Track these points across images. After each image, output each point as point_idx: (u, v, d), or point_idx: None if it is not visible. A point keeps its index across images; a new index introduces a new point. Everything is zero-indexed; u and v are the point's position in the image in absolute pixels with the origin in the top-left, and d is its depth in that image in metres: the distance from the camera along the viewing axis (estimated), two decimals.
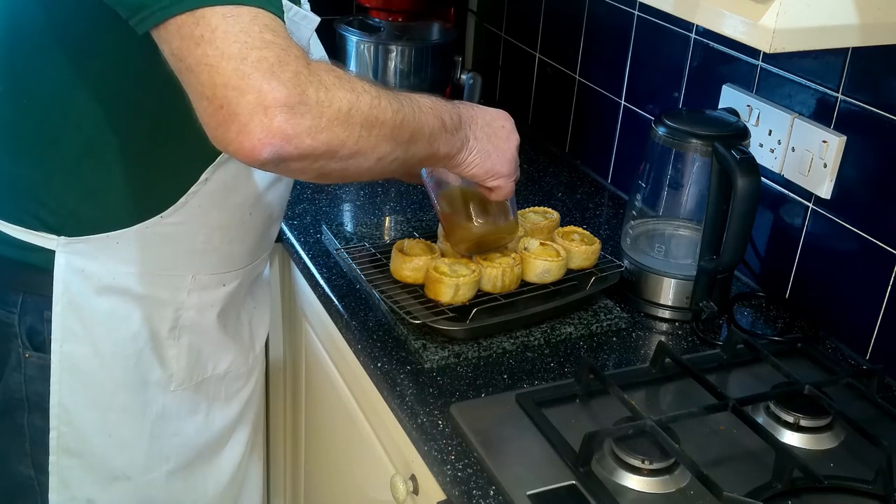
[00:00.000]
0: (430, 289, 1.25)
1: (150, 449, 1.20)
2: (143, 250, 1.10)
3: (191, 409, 1.23)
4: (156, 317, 1.15)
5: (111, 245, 1.09)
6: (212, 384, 1.24)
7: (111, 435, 1.17)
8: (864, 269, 1.27)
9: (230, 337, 1.25)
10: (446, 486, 1.05)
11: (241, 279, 1.23)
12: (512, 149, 1.15)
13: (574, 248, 1.34)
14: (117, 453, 1.19)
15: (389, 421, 1.21)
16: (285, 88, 0.84)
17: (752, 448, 1.07)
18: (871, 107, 1.24)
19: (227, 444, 1.31)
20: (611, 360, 1.26)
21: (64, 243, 1.08)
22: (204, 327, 1.20)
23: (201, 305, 1.18)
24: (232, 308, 1.24)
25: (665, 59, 1.61)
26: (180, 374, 1.19)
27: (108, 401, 1.16)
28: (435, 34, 1.94)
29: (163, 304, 1.15)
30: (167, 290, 1.14)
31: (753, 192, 1.20)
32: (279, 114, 0.84)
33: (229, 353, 1.26)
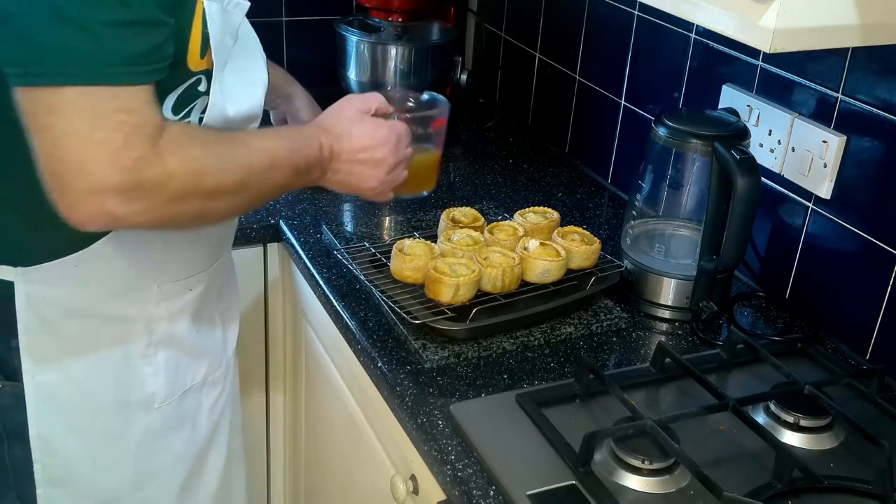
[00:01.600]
0: (430, 289, 1.25)
1: (136, 469, 1.18)
2: (103, 269, 1.07)
3: (178, 424, 1.20)
4: (127, 335, 1.12)
5: (70, 269, 1.05)
6: (193, 394, 1.22)
7: (95, 460, 1.15)
8: (864, 269, 1.27)
9: (203, 342, 1.22)
10: (446, 486, 1.05)
11: (206, 281, 1.20)
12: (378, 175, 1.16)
13: (574, 248, 1.34)
14: (104, 478, 1.16)
15: (389, 421, 1.21)
16: (121, 175, 0.87)
17: (752, 448, 1.07)
18: (871, 107, 1.24)
19: (208, 454, 1.29)
20: (611, 360, 1.26)
21: (21, 273, 1.04)
22: (178, 337, 1.17)
23: (171, 314, 1.15)
24: (203, 311, 1.22)
25: (665, 59, 1.61)
26: (162, 392, 1.16)
27: (87, 425, 1.13)
28: (435, 34, 1.94)
29: (132, 320, 1.12)
30: (135, 306, 1.11)
31: (753, 192, 1.20)
32: (110, 198, 0.88)
33: (205, 360, 1.23)
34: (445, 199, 1.69)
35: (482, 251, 1.32)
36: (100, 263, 1.06)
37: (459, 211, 1.43)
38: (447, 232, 1.37)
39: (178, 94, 1.00)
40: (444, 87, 1.97)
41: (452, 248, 1.32)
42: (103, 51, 0.86)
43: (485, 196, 1.72)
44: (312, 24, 2.10)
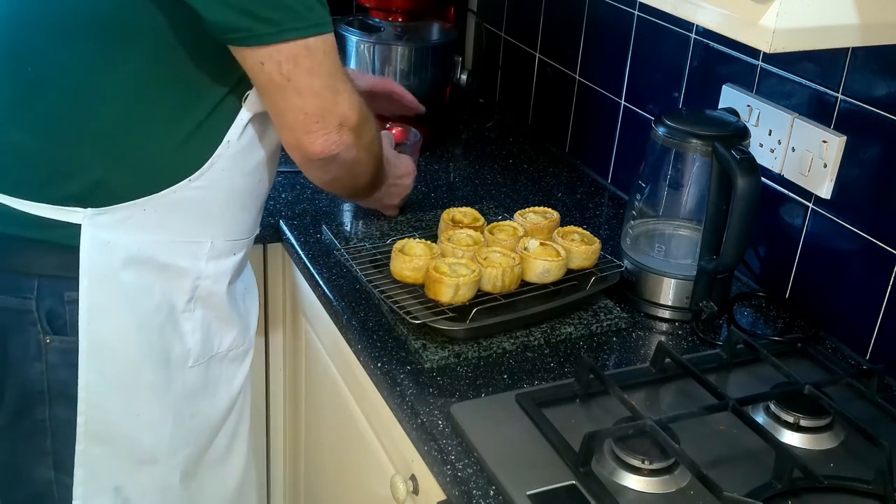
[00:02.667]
0: (430, 289, 1.25)
1: (174, 429, 1.21)
2: (167, 217, 1.13)
3: (204, 387, 1.24)
4: (175, 288, 1.17)
5: (138, 213, 1.11)
6: (216, 363, 1.26)
7: (139, 415, 1.18)
8: (864, 269, 1.27)
9: (235, 311, 1.27)
10: (446, 486, 1.05)
11: (245, 250, 1.27)
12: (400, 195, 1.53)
13: (574, 248, 1.34)
14: (146, 434, 1.19)
15: (389, 421, 1.21)
16: (359, 115, 1.13)
17: (752, 448, 1.07)
18: (871, 107, 1.24)
19: (233, 448, 1.32)
20: (611, 360, 1.26)
21: (90, 215, 1.09)
22: (215, 299, 1.22)
23: (217, 274, 1.21)
24: (237, 281, 1.28)
25: (665, 59, 1.61)
26: (196, 349, 1.21)
27: (135, 379, 1.16)
28: (435, 34, 1.94)
29: (183, 273, 1.17)
30: (187, 258, 1.17)
31: (753, 192, 1.20)
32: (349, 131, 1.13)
33: (233, 329, 1.27)
34: (445, 200, 1.69)
35: (482, 251, 1.32)
36: (165, 210, 1.12)
37: (459, 211, 1.43)
38: (447, 232, 1.37)
39: None
40: (444, 87, 1.97)
41: (452, 248, 1.32)
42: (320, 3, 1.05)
43: (485, 196, 1.72)
44: None
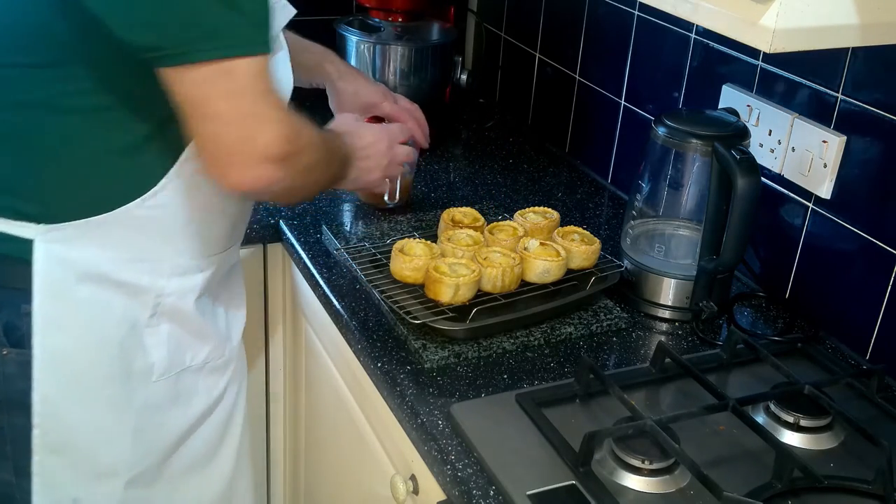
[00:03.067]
0: (430, 289, 1.25)
1: (135, 442, 1.19)
2: (123, 235, 1.10)
3: (172, 401, 1.22)
4: (137, 304, 1.14)
5: (91, 230, 1.08)
6: (191, 375, 1.23)
7: (97, 429, 1.16)
8: (864, 269, 1.27)
9: (207, 326, 1.24)
10: (446, 486, 1.05)
11: (217, 265, 1.23)
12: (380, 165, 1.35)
13: (574, 248, 1.34)
14: (104, 448, 1.17)
15: (389, 421, 1.21)
16: (286, 146, 1.01)
17: (752, 448, 1.07)
18: (871, 107, 1.24)
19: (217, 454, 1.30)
20: (611, 360, 1.26)
21: (43, 231, 1.07)
22: (182, 315, 1.19)
23: (181, 291, 1.17)
24: (209, 296, 1.24)
25: (665, 59, 1.61)
26: (161, 364, 1.18)
27: (93, 393, 1.14)
28: (435, 34, 1.94)
29: (143, 290, 1.14)
30: (148, 276, 1.14)
31: (753, 192, 1.20)
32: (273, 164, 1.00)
33: (207, 344, 1.24)
34: (445, 199, 1.69)
35: (482, 251, 1.32)
36: (121, 228, 1.09)
37: (459, 211, 1.43)
38: (447, 232, 1.37)
39: None
40: (444, 87, 1.97)
41: (452, 248, 1.32)
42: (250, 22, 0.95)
43: (485, 196, 1.72)
44: (312, 24, 2.09)
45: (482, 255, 1.30)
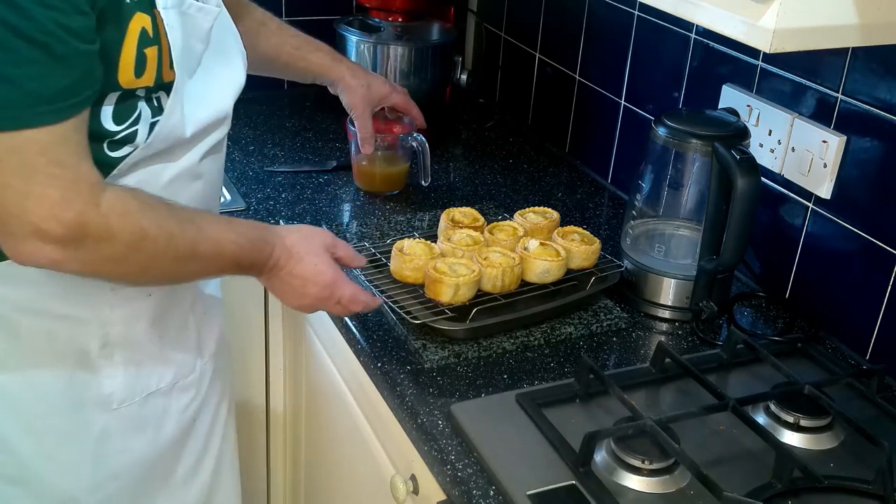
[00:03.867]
0: (430, 289, 1.25)
1: (95, 470, 1.15)
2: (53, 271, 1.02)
3: (138, 426, 1.18)
4: (82, 335, 1.09)
5: (17, 269, 0.99)
6: (159, 398, 1.19)
7: (52, 459, 1.13)
8: (864, 269, 1.27)
9: (170, 348, 1.19)
10: (446, 486, 1.05)
11: (174, 289, 1.17)
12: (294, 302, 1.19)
13: (574, 247, 1.34)
14: (61, 477, 1.14)
15: (389, 421, 1.21)
16: (63, 229, 0.90)
17: (752, 448, 1.07)
18: (871, 107, 1.24)
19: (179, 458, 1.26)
20: (611, 360, 1.26)
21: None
22: (136, 341, 1.14)
23: (127, 319, 1.12)
24: (170, 317, 1.18)
25: (665, 59, 1.61)
26: (120, 393, 1.14)
27: (43, 425, 1.11)
28: (435, 34, 1.94)
29: (86, 322, 1.09)
30: (87, 308, 1.08)
31: (753, 192, 1.20)
32: (51, 244, 0.91)
33: (172, 366, 1.20)
34: (445, 199, 1.69)
35: (482, 251, 1.32)
36: None
37: (459, 211, 1.43)
38: (447, 232, 1.37)
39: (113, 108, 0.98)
40: (444, 87, 1.97)
41: (452, 248, 1.32)
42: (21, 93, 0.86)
43: (485, 196, 1.72)
44: (312, 24, 2.09)
45: (482, 256, 1.30)
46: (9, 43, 0.84)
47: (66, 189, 0.90)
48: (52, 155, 0.89)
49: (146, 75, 0.98)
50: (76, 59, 0.89)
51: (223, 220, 1.11)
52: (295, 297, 1.18)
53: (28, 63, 0.86)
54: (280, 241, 1.14)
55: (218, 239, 1.06)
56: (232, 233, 1.08)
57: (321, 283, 1.16)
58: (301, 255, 1.15)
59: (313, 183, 1.71)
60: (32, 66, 0.86)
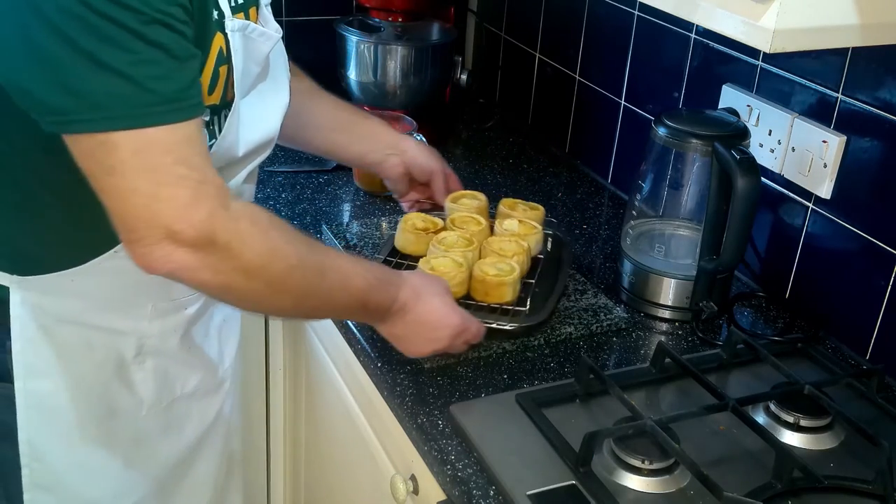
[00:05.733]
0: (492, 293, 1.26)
1: (123, 476, 1.17)
2: (99, 285, 1.06)
3: (163, 431, 1.19)
4: (119, 345, 1.11)
5: (66, 282, 1.04)
6: (182, 403, 1.21)
7: (84, 466, 1.14)
8: (864, 269, 1.27)
9: (196, 357, 1.21)
10: (446, 486, 1.05)
11: (202, 300, 1.18)
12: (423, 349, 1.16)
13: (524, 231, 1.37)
14: (92, 484, 1.15)
15: (389, 421, 1.20)
16: (194, 231, 0.89)
17: (752, 448, 1.07)
18: (871, 107, 1.24)
19: (194, 463, 1.27)
20: (611, 360, 1.26)
21: (17, 281, 1.04)
22: (168, 351, 1.16)
23: (164, 332, 1.14)
24: (196, 329, 1.20)
25: (665, 59, 1.61)
26: (150, 398, 1.16)
27: (77, 433, 1.12)
28: (435, 34, 1.94)
29: (124, 333, 1.11)
30: (128, 321, 1.10)
31: (753, 192, 1.20)
32: (183, 248, 0.89)
33: (197, 372, 1.22)
34: None
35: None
36: (96, 279, 1.06)
37: (420, 218, 1.42)
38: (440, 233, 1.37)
39: None
40: (444, 87, 1.97)
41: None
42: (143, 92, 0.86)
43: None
44: (312, 24, 2.10)
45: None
46: (129, 44, 0.84)
47: (195, 189, 0.89)
48: (177, 154, 0.88)
49: (215, 93, 0.99)
50: (191, 62, 0.90)
51: (352, 257, 1.10)
52: (422, 344, 1.15)
53: (149, 63, 0.86)
54: (405, 282, 1.13)
55: (345, 269, 1.05)
56: (359, 266, 1.08)
57: (452, 325, 1.14)
58: (428, 297, 1.14)
59: (313, 183, 1.71)
60: (153, 66, 0.86)
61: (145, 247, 0.89)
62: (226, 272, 0.93)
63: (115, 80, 0.84)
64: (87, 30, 0.82)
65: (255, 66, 1.06)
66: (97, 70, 0.84)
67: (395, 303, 1.10)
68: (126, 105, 0.85)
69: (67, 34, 0.82)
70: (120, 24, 0.83)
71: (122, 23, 0.83)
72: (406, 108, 1.83)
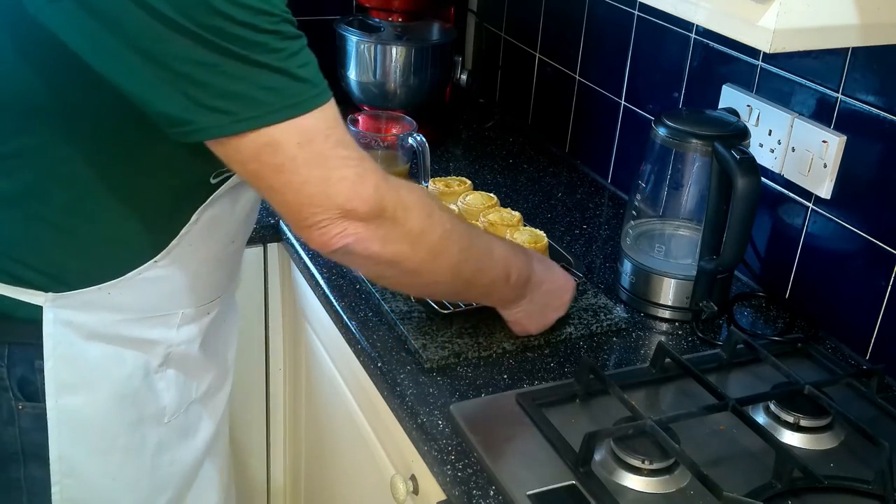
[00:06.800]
0: None
1: (151, 484, 1.18)
2: (133, 297, 1.07)
3: (183, 434, 1.20)
4: (148, 355, 1.12)
5: (103, 296, 1.05)
6: (197, 405, 1.22)
7: (115, 478, 1.14)
8: (864, 269, 1.27)
9: (209, 357, 1.22)
10: (446, 486, 1.05)
11: (221, 304, 1.21)
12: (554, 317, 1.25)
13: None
14: (122, 495, 1.16)
15: (389, 421, 1.21)
16: (366, 205, 0.94)
17: (752, 448, 1.07)
18: (871, 107, 1.24)
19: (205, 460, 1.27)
20: (611, 360, 1.26)
21: (52, 299, 1.03)
22: (189, 356, 1.17)
23: (189, 339, 1.16)
24: (211, 332, 1.21)
25: (665, 59, 1.61)
26: (172, 405, 1.16)
27: (109, 444, 1.12)
28: (435, 34, 1.94)
29: (154, 343, 1.12)
30: (158, 330, 1.11)
31: (753, 192, 1.20)
32: (357, 222, 0.94)
33: (210, 372, 1.23)
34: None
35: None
36: (133, 291, 1.06)
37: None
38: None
39: None
40: (444, 87, 1.97)
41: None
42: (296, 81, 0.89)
43: None
44: (312, 24, 2.09)
45: None
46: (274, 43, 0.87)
47: (358, 167, 0.94)
48: (335, 137, 0.92)
49: None
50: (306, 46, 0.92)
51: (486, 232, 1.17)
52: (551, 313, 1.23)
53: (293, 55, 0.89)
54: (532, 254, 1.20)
55: (490, 238, 1.12)
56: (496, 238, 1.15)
57: (572, 287, 1.24)
58: (550, 265, 1.22)
59: None
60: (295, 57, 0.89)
61: (321, 228, 0.93)
62: (395, 240, 0.98)
63: (269, 76, 0.87)
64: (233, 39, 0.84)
65: None
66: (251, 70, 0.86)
67: (533, 273, 1.16)
68: (284, 96, 0.88)
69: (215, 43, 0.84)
70: (261, 29, 0.85)
71: (263, 28, 0.85)
72: (406, 108, 1.83)
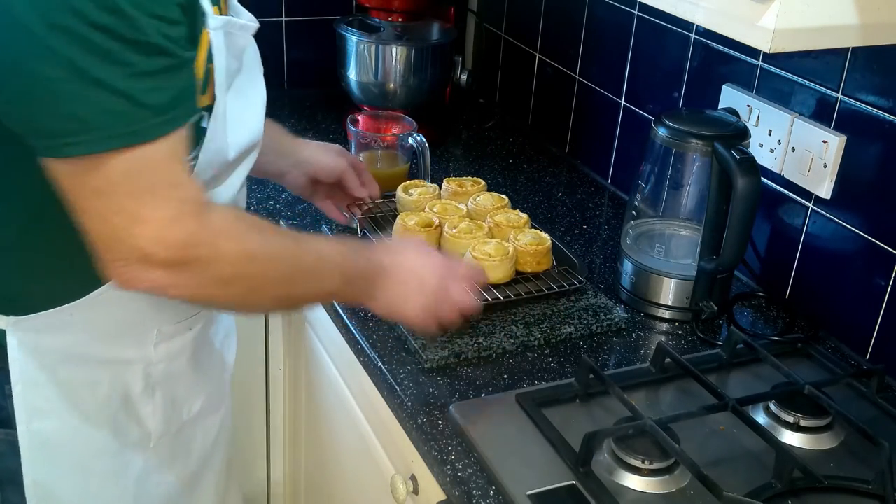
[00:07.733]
0: (542, 262, 1.33)
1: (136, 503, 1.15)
2: (99, 316, 1.03)
3: (172, 458, 1.17)
4: (126, 377, 1.08)
5: (65, 318, 1.01)
6: (189, 427, 1.18)
7: (96, 499, 1.12)
8: (864, 269, 1.27)
9: (202, 375, 1.19)
10: (446, 486, 1.05)
11: (206, 318, 1.17)
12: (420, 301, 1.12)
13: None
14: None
15: (389, 421, 1.21)
16: (167, 251, 0.87)
17: (752, 448, 1.07)
18: (871, 107, 1.24)
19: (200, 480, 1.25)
20: (611, 360, 1.26)
21: (13, 322, 1.00)
22: (176, 375, 1.13)
23: (170, 355, 1.11)
24: (202, 349, 1.17)
25: (665, 59, 1.61)
26: (158, 429, 1.13)
27: (86, 469, 1.09)
28: (435, 34, 1.94)
29: (130, 362, 1.08)
30: (133, 349, 1.07)
31: (753, 192, 1.20)
32: (155, 268, 0.88)
33: (203, 392, 1.19)
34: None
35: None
36: (97, 311, 1.03)
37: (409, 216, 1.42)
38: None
39: None
40: (444, 87, 1.97)
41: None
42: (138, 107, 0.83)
43: None
44: (312, 24, 2.10)
45: None
46: (123, 56, 0.81)
47: (177, 209, 0.88)
48: (166, 171, 0.87)
49: (208, 93, 0.97)
50: (181, 67, 0.87)
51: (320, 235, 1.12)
52: (415, 299, 1.11)
53: (143, 76, 0.83)
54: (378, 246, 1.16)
55: (319, 249, 1.05)
56: (332, 242, 1.10)
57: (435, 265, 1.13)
58: (404, 251, 1.14)
59: None
60: (147, 78, 0.83)
61: (120, 267, 0.88)
62: (202, 285, 0.92)
63: (110, 98, 0.82)
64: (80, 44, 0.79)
65: (234, 62, 1.02)
66: (91, 89, 0.81)
67: (373, 265, 1.09)
68: (121, 122, 0.83)
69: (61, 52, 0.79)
70: (114, 34, 0.80)
71: (117, 32, 0.80)
72: (406, 108, 1.83)
